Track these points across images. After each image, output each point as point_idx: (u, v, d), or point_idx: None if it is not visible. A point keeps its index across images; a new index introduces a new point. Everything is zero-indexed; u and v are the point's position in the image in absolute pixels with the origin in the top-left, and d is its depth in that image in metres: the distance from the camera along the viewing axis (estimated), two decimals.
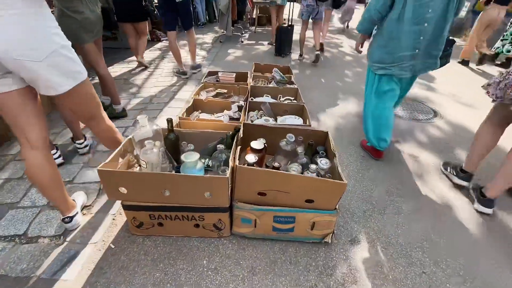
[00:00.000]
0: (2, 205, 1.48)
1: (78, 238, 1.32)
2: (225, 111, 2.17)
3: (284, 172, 1.15)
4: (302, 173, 1.30)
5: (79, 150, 1.88)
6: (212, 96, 2.44)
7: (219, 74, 2.72)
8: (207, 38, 6.00)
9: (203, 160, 1.36)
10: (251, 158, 1.25)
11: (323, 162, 1.29)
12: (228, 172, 1.14)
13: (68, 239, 1.31)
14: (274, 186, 1.17)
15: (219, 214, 1.25)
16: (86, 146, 1.91)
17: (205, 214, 1.25)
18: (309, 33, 4.58)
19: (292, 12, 5.24)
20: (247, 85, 2.44)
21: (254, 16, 7.28)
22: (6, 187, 1.60)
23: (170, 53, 3.94)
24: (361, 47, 2.10)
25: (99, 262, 1.22)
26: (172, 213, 1.24)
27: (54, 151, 1.74)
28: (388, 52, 1.77)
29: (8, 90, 1.00)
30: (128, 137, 1.33)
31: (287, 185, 1.17)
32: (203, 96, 2.45)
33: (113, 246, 1.29)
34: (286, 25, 4.65)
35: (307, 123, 1.83)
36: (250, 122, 1.83)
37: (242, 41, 5.79)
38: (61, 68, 0.99)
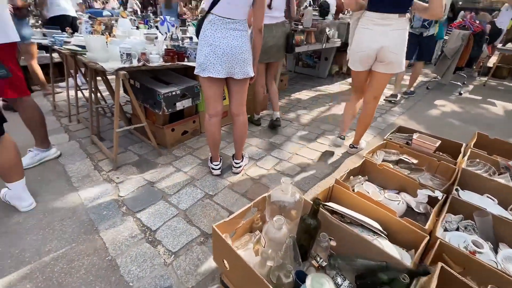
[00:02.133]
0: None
1: None
2: (404, 195, 1.51)
3: None
4: None
5: (233, 168, 1.94)
6: (391, 163, 1.82)
7: (415, 136, 2.01)
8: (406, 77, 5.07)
9: (338, 281, 0.86)
10: None
11: None
12: None
13: None
14: None
15: None
16: (240, 166, 1.94)
17: None
18: None
19: None
20: (456, 165, 1.61)
21: (490, 65, 5.39)
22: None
23: None
24: None
25: None
26: None
27: (218, 163, 1.89)
28: None
29: None
30: (264, 195, 1.09)
31: None
32: (379, 158, 1.88)
33: None
34: None
35: None
36: (446, 241, 1.08)
37: (461, 93, 4.39)
38: None
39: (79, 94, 2.61)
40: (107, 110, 2.82)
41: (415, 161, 1.83)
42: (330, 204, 1.33)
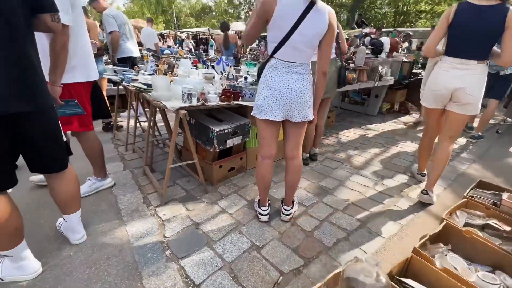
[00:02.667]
0: None
1: None
2: (503, 276, 1.18)
3: None
4: None
5: (282, 215, 1.78)
6: (476, 227, 1.51)
7: (505, 196, 1.66)
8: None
9: None
10: None
11: None
12: None
13: None
14: None
15: None
16: (290, 214, 1.77)
17: None
18: None
19: None
20: None
21: None
22: None
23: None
24: None
25: None
26: None
27: (267, 208, 1.76)
28: None
29: None
30: (337, 270, 0.91)
31: None
32: (460, 220, 1.58)
33: None
34: None
35: None
36: None
37: None
38: None
39: (136, 124, 2.78)
40: (160, 141, 2.94)
41: (507, 228, 1.50)
42: (410, 282, 1.08)
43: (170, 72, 2.43)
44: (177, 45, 6.66)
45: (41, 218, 1.71)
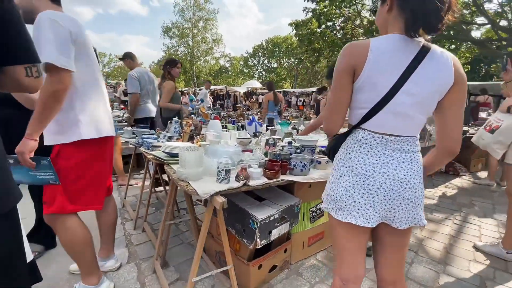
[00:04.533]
0: None
1: None
2: None
3: None
4: None
5: None
6: None
7: None
8: None
9: None
10: None
11: None
12: None
13: None
14: None
15: None
16: None
17: None
18: None
19: None
20: None
21: None
22: None
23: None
24: None
25: None
26: None
27: None
28: None
29: None
30: None
31: None
32: None
33: None
34: None
35: None
36: None
37: None
38: None
39: (151, 191, 2.29)
40: (179, 222, 2.35)
41: None
42: None
43: (197, 137, 2.04)
44: (199, 101, 6.62)
45: None
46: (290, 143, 1.87)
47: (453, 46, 12.63)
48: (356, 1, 12.17)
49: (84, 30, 1.24)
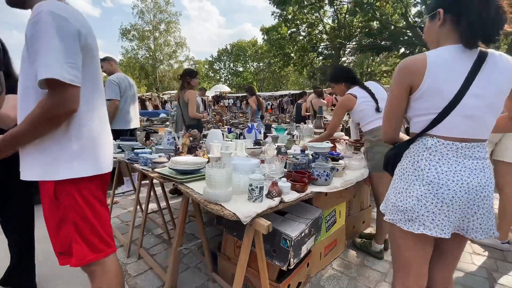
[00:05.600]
0: None
1: None
2: None
3: None
4: None
5: None
6: None
7: None
8: None
9: None
10: None
11: None
12: None
13: None
14: None
15: None
16: None
17: None
18: None
19: None
20: None
21: None
22: None
23: None
24: None
25: None
26: None
27: None
28: None
29: None
30: None
31: None
32: None
33: None
34: None
35: None
36: None
37: None
38: None
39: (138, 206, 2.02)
40: (191, 246, 1.97)
41: None
42: None
43: (200, 149, 1.85)
44: (175, 108, 6.28)
45: None
46: (302, 151, 1.79)
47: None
48: (318, 7, 12.74)
49: (93, 30, 0.96)
